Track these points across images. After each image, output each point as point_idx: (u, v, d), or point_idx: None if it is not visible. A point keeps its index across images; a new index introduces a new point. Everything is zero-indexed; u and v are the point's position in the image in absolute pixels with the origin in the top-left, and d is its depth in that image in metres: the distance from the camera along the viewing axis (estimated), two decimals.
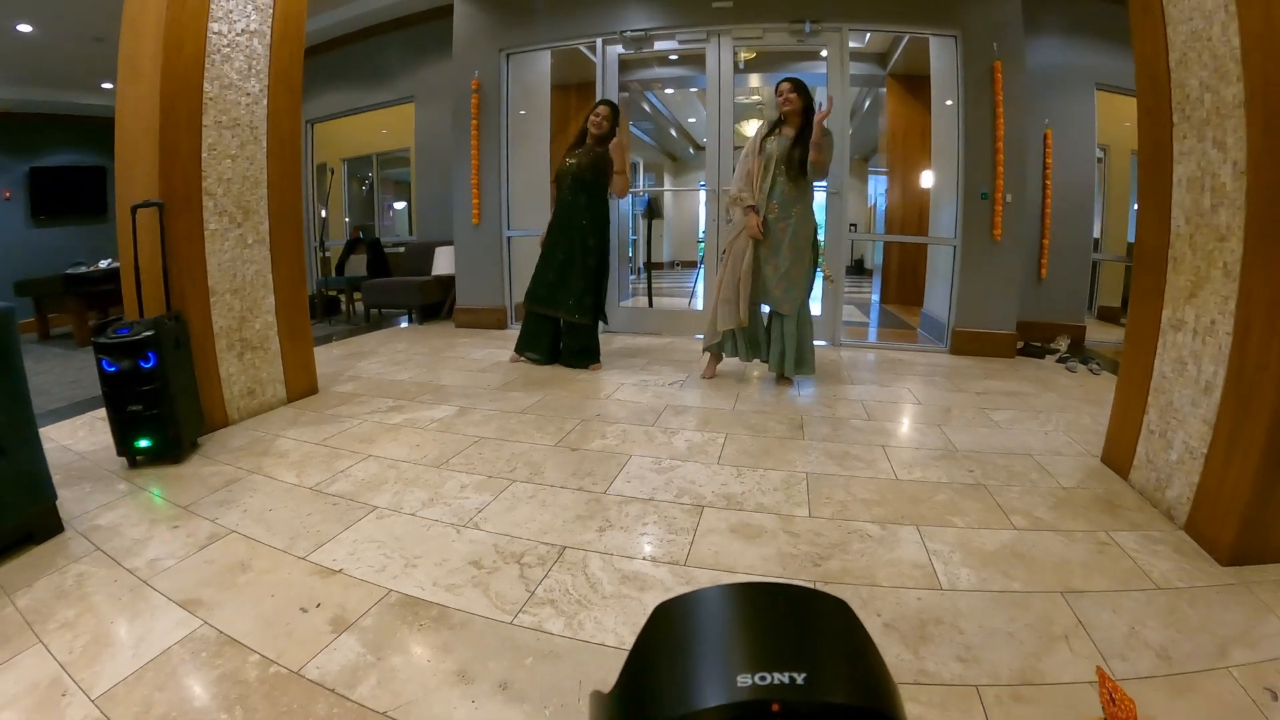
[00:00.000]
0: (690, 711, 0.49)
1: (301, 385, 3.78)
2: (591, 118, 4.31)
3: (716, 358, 4.25)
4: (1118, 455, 2.69)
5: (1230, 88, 2.05)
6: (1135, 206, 8.74)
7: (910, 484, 2.53)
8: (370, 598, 1.73)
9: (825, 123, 3.68)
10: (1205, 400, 2.17)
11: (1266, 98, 1.91)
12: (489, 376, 4.28)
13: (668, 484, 2.50)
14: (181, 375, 2.86)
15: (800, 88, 3.87)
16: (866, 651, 0.57)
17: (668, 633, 0.60)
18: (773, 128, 3.95)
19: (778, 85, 3.93)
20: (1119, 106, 6.13)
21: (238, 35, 3.28)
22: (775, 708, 0.47)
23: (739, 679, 0.49)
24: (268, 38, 3.45)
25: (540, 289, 4.47)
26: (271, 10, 3.45)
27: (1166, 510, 2.30)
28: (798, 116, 3.85)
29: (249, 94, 3.37)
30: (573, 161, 4.33)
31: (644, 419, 3.34)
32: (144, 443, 2.69)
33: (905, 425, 3.35)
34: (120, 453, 2.71)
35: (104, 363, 2.64)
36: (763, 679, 0.49)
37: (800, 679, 0.49)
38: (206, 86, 3.14)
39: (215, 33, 3.16)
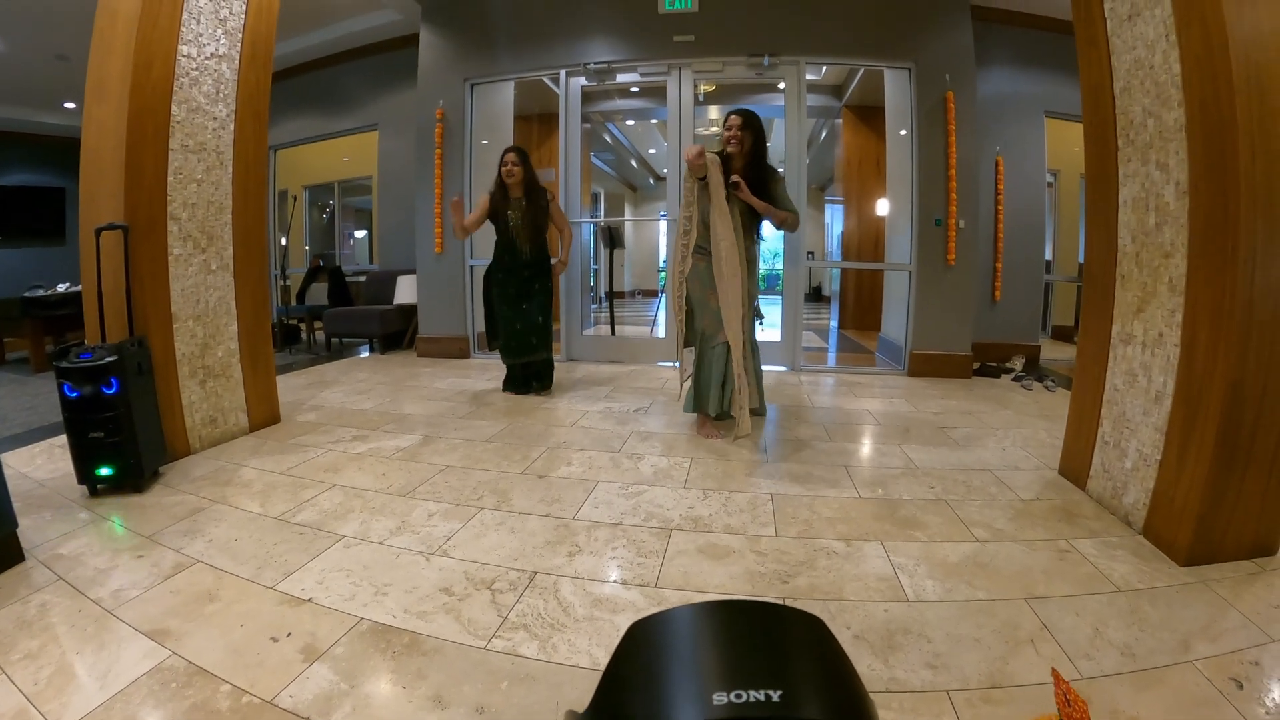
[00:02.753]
0: None
1: (263, 414, 3.72)
2: (502, 168, 4.28)
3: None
4: (1074, 466, 2.78)
5: (1172, 112, 2.18)
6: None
7: (873, 501, 2.58)
8: (341, 626, 1.71)
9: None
10: (1156, 409, 2.27)
11: (1205, 120, 2.03)
12: (452, 405, 4.25)
13: (635, 508, 2.51)
14: (144, 402, 2.81)
15: (750, 123, 3.39)
16: (841, 667, 0.57)
17: (642, 652, 0.59)
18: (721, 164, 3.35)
19: (726, 117, 3.44)
20: (1067, 132, 6.35)
21: (206, 59, 3.28)
22: None
23: (714, 697, 0.49)
24: (236, 62, 3.46)
25: (512, 340, 4.47)
26: (241, 34, 3.46)
27: (1124, 516, 2.38)
28: (744, 157, 3.40)
29: (216, 118, 3.36)
30: (519, 219, 4.30)
31: (609, 445, 3.35)
32: (105, 470, 2.63)
33: (866, 445, 3.41)
34: (81, 480, 2.65)
35: (65, 387, 2.58)
36: (738, 697, 0.49)
37: (775, 696, 0.49)
38: (174, 109, 3.13)
39: (184, 55, 3.16)
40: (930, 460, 3.09)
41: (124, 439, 2.64)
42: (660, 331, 6.32)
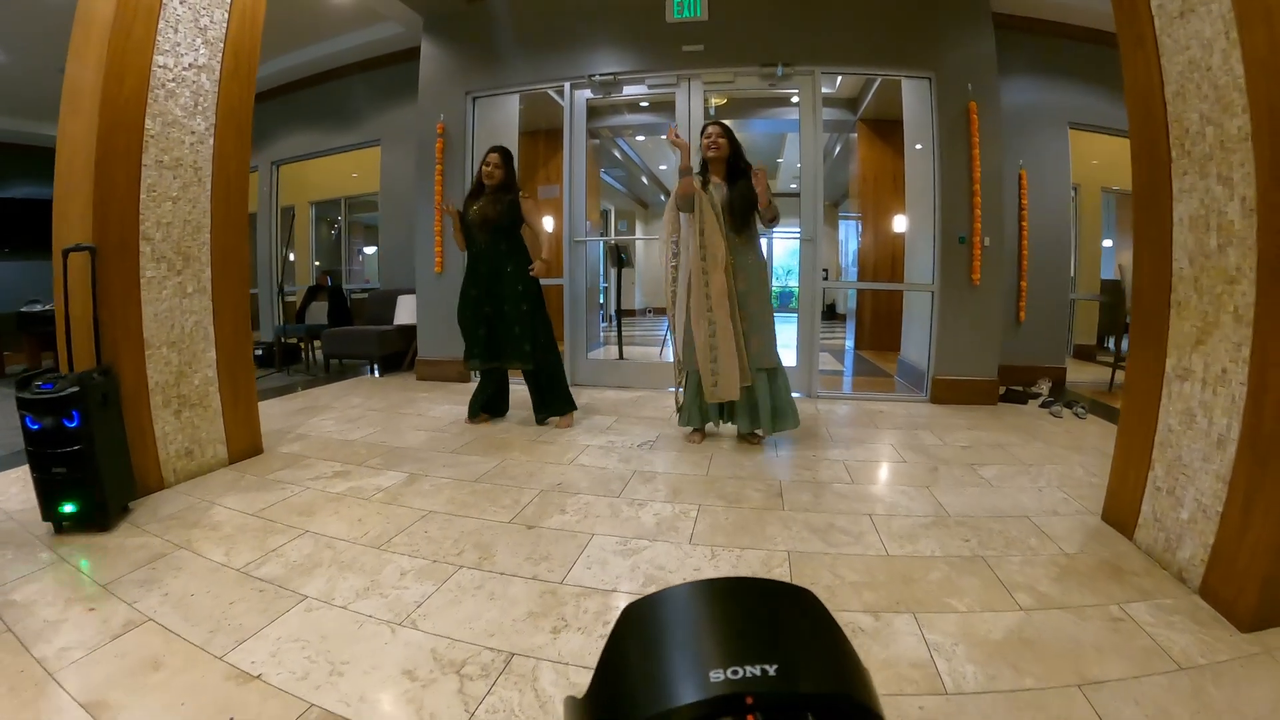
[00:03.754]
0: (665, 710, 0.49)
1: (244, 445, 3.51)
2: (483, 167, 4.08)
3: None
4: (1120, 513, 2.52)
5: (1234, 119, 1.94)
6: (1106, 243, 8.83)
7: (902, 560, 2.29)
8: (288, 712, 1.48)
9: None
10: (1218, 455, 2.01)
11: (1274, 126, 1.79)
12: (444, 437, 3.99)
13: (633, 570, 2.23)
14: (110, 435, 2.65)
15: (729, 133, 3.63)
16: (835, 639, 0.57)
17: (638, 633, 0.59)
18: (701, 178, 3.63)
19: (704, 128, 3.67)
20: (1088, 145, 6.14)
21: (184, 70, 3.10)
22: (749, 700, 0.48)
23: (711, 674, 0.50)
24: (217, 73, 3.27)
25: (475, 347, 4.21)
26: (222, 45, 3.28)
27: (1178, 573, 2.13)
28: (723, 164, 3.61)
29: (194, 132, 3.18)
30: (477, 208, 4.07)
31: (609, 488, 3.06)
32: (69, 508, 2.48)
33: (891, 488, 3.12)
34: (45, 517, 2.49)
35: (27, 420, 2.45)
36: (735, 673, 0.49)
37: (772, 670, 0.50)
38: (148, 123, 2.96)
39: (160, 66, 2.99)
40: (962, 505, 2.81)
41: (87, 475, 2.49)
42: (670, 355, 6.07)
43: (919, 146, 5.55)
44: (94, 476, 2.50)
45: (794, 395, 5.28)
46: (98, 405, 2.56)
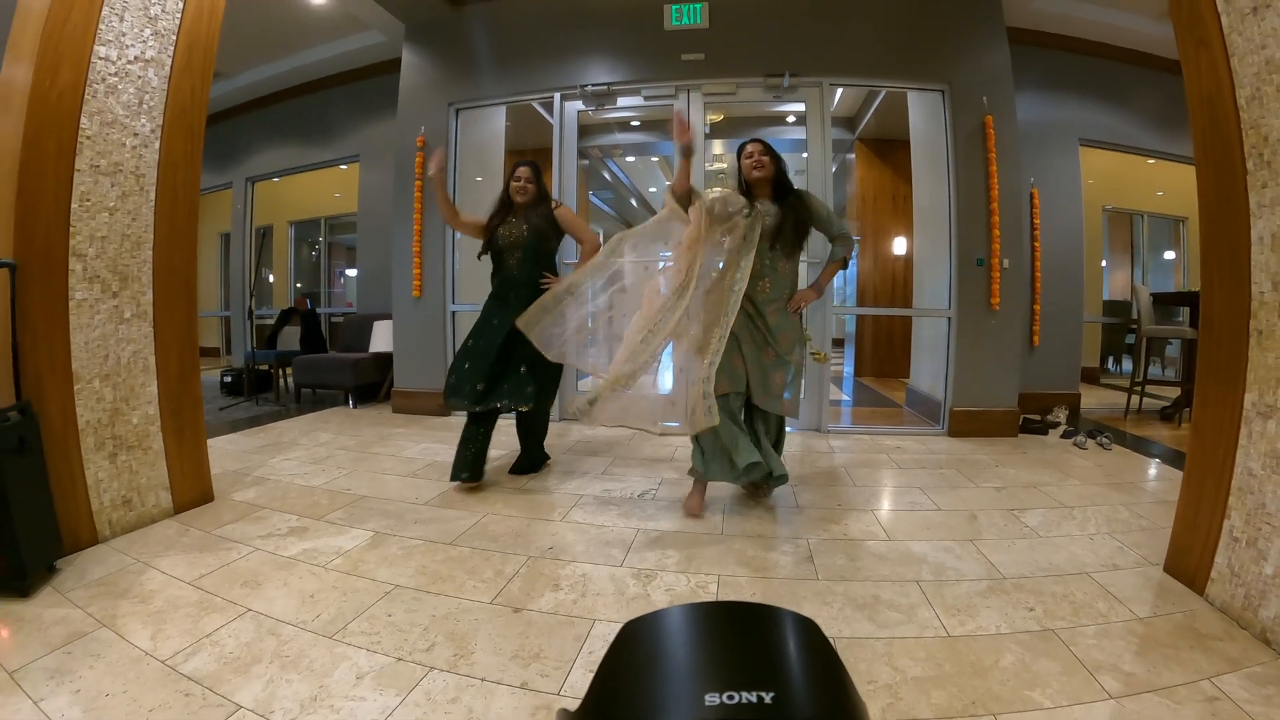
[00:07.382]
0: None
1: (192, 492, 3.10)
2: (513, 184, 3.54)
3: (703, 486, 3.14)
4: (1187, 565, 2.30)
5: None
6: (1104, 264, 8.64)
7: (967, 641, 1.90)
8: None
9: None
10: None
11: None
12: (420, 485, 3.50)
13: None
14: (26, 485, 2.27)
15: (772, 150, 3.14)
16: (835, 671, 0.56)
17: (635, 651, 0.58)
18: (749, 200, 3.11)
19: (743, 146, 3.17)
20: (1086, 163, 6.01)
21: (129, 63, 2.75)
22: None
23: (706, 698, 0.48)
24: (166, 68, 2.91)
25: (471, 385, 3.37)
26: (175, 36, 2.93)
27: (1261, 633, 1.91)
28: (768, 185, 3.11)
29: (137, 134, 2.81)
30: (507, 228, 3.53)
31: (609, 554, 2.59)
32: None
33: (933, 545, 2.67)
34: None
35: None
36: (730, 698, 0.48)
37: (768, 698, 0.48)
38: (84, 122, 2.61)
39: (101, 58, 2.65)
40: (1015, 563, 2.45)
41: (1, 533, 2.12)
42: (665, 385, 5.69)
43: (923, 168, 5.26)
44: (9, 534, 2.13)
45: (791, 430, 4.93)
46: (12, 450, 2.20)
